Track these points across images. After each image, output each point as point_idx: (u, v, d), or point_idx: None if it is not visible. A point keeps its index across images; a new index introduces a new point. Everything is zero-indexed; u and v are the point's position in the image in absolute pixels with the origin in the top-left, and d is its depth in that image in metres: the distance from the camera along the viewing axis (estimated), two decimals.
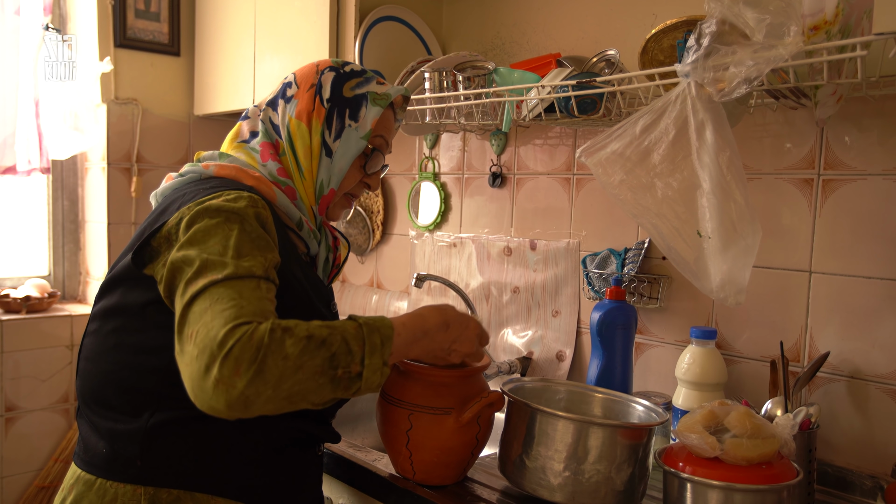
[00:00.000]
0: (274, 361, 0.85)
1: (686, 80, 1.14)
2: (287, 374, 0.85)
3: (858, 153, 1.31)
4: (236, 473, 1.04)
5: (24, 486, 2.25)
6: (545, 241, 1.80)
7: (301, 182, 1.14)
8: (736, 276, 1.12)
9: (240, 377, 0.83)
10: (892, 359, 1.28)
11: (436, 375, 1.16)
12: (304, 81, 1.16)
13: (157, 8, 2.38)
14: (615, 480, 1.09)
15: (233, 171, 1.09)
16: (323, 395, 0.90)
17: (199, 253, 0.93)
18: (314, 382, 0.88)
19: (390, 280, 2.21)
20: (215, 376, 0.83)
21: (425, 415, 1.16)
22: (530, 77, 1.49)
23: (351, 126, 1.14)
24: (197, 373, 0.84)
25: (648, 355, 1.62)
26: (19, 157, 2.23)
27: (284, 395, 0.86)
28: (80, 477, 1.04)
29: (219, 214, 0.97)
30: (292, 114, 1.14)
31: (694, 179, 1.14)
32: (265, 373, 0.84)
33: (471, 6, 1.98)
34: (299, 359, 0.86)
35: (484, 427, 1.20)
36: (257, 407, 0.85)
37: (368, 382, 0.92)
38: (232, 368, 0.83)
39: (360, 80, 1.17)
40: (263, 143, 1.14)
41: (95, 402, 1.05)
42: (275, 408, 0.87)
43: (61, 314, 2.27)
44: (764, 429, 1.02)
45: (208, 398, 0.84)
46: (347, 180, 1.18)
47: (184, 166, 1.14)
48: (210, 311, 0.88)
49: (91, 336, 1.08)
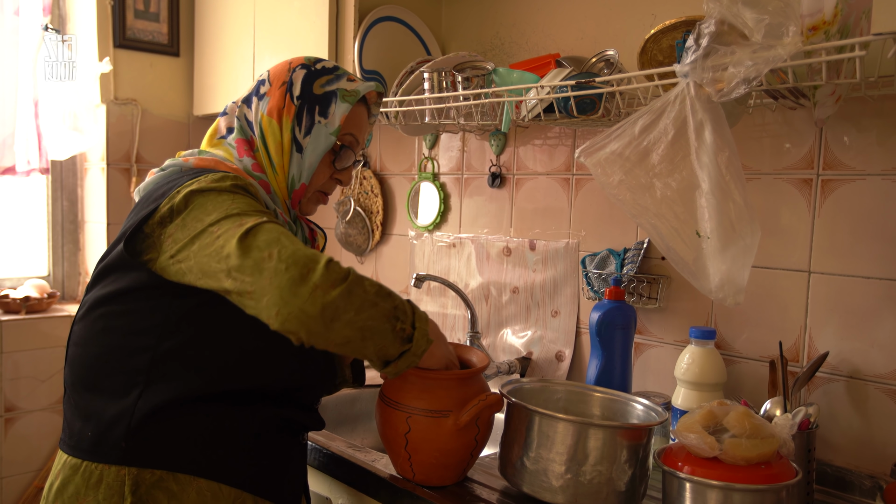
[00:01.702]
0: (360, 290, 0.95)
1: (685, 80, 1.14)
2: (366, 305, 0.95)
3: (857, 153, 1.31)
4: (220, 456, 1.06)
5: (23, 486, 2.25)
6: (544, 241, 1.80)
7: (274, 177, 1.17)
8: (735, 276, 1.12)
9: (335, 288, 0.92)
10: (891, 359, 1.28)
11: (433, 377, 1.16)
12: (277, 79, 1.19)
13: (156, 8, 2.38)
14: (616, 481, 1.09)
15: (211, 163, 1.12)
16: (385, 342, 0.99)
17: (224, 211, 0.99)
18: (382, 324, 0.98)
19: (390, 280, 2.21)
20: (315, 282, 0.91)
21: (423, 417, 1.16)
22: (529, 77, 1.49)
23: (320, 122, 1.17)
24: (290, 280, 0.91)
25: (647, 355, 1.62)
26: (18, 158, 2.23)
27: (361, 323, 0.95)
28: (66, 462, 1.06)
29: (213, 191, 1.02)
30: (264, 111, 1.17)
31: (693, 179, 1.14)
32: (353, 295, 0.94)
33: (470, 6, 1.98)
34: (375, 297, 0.97)
35: (483, 428, 1.19)
36: (341, 324, 0.93)
37: (416, 346, 1.03)
38: (329, 279, 0.92)
39: (331, 78, 1.19)
40: (238, 139, 1.18)
41: (84, 386, 1.07)
42: (349, 335, 0.95)
43: (61, 314, 2.28)
44: (763, 429, 1.02)
45: (302, 302, 0.91)
46: (318, 176, 1.20)
47: (165, 161, 1.17)
48: (282, 240, 0.95)
49: (80, 323, 1.10)
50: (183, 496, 1.02)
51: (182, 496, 1.02)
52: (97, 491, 1.01)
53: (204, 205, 1.00)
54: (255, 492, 1.08)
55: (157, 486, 1.01)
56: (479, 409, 1.15)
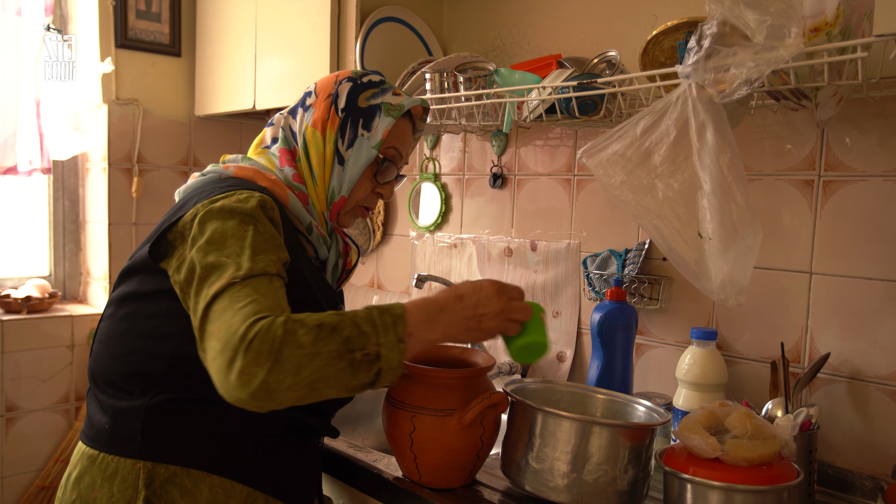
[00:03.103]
0: (290, 351, 0.89)
1: (687, 81, 1.14)
2: (304, 361, 0.89)
3: (859, 154, 1.31)
4: (233, 454, 1.07)
5: (24, 486, 2.25)
6: (546, 241, 1.80)
7: (314, 188, 1.17)
8: (736, 277, 1.12)
9: (260, 367, 0.87)
10: (892, 360, 1.28)
11: (437, 377, 1.17)
12: (323, 91, 1.20)
13: (157, 9, 2.38)
14: (620, 481, 1.09)
15: (250, 172, 1.13)
16: (345, 379, 0.92)
17: (218, 256, 0.98)
18: (333, 368, 0.91)
19: (391, 281, 2.21)
20: (238, 367, 0.87)
21: (428, 416, 1.16)
22: (531, 78, 1.49)
23: (363, 135, 1.17)
24: (222, 366, 0.89)
25: (649, 356, 1.62)
26: (20, 158, 2.23)
27: (305, 382, 0.89)
28: (85, 452, 1.08)
29: (233, 216, 1.01)
30: (308, 122, 1.18)
31: (695, 180, 1.15)
32: (282, 362, 0.88)
33: (471, 7, 1.98)
34: (313, 346, 0.90)
35: (489, 429, 1.19)
36: (280, 395, 0.89)
37: (388, 361, 0.94)
38: (252, 359, 0.87)
39: (376, 91, 1.20)
40: (282, 149, 1.19)
41: (104, 381, 1.09)
42: (298, 396, 0.90)
43: (62, 314, 2.28)
44: (764, 430, 1.02)
45: (233, 389, 0.88)
46: (358, 189, 1.20)
47: (207, 166, 1.18)
48: (230, 309, 0.92)
49: (106, 320, 1.13)
50: (196, 492, 1.03)
51: (195, 492, 1.03)
52: (112, 483, 1.03)
53: (213, 236, 0.99)
54: (267, 491, 1.09)
55: (170, 481, 1.02)
56: (483, 406, 1.15)
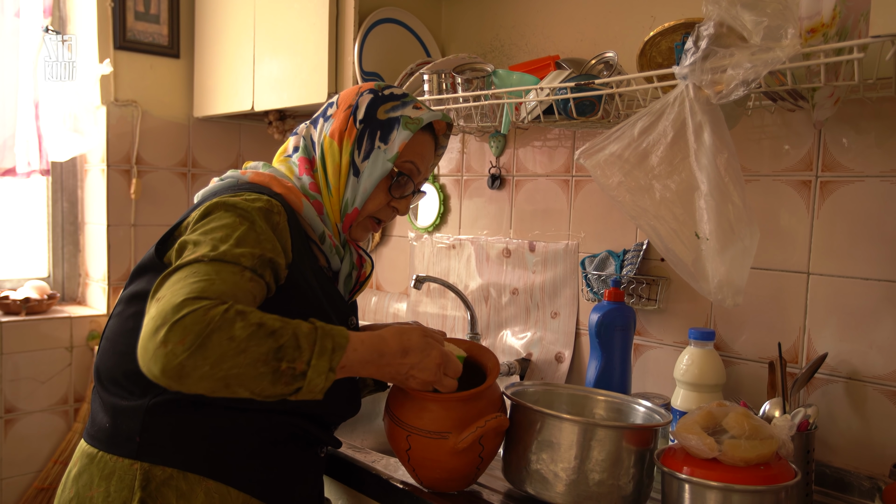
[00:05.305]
0: (219, 339, 0.86)
1: (684, 82, 1.14)
2: (229, 354, 0.87)
3: (856, 155, 1.31)
4: (230, 459, 1.06)
5: (23, 487, 2.25)
6: (544, 242, 1.80)
7: (328, 198, 1.17)
8: (734, 277, 1.12)
9: (182, 346, 0.85)
10: (889, 360, 1.29)
11: (429, 397, 1.12)
12: (344, 102, 1.20)
13: (156, 10, 2.38)
14: (622, 482, 1.09)
15: (266, 178, 1.14)
16: (261, 385, 0.90)
17: (201, 237, 0.98)
18: (254, 370, 0.88)
19: (389, 281, 2.22)
20: (161, 339, 0.85)
21: (422, 438, 1.12)
22: (529, 79, 1.49)
23: (379, 148, 1.17)
24: (147, 333, 0.87)
25: (647, 356, 1.62)
26: (19, 159, 2.23)
27: (221, 375, 0.87)
28: (85, 450, 1.08)
29: (234, 211, 1.01)
30: (327, 132, 1.18)
31: (692, 181, 1.15)
32: (207, 348, 0.86)
33: (469, 8, 1.98)
34: (245, 343, 0.88)
35: (488, 446, 1.15)
36: (191, 381, 0.87)
37: (311, 384, 0.92)
38: (178, 336, 0.85)
39: (396, 104, 1.19)
40: (301, 157, 1.19)
41: (108, 379, 1.09)
42: (209, 387, 0.88)
43: (61, 316, 2.28)
44: (762, 430, 1.02)
45: (148, 359, 0.86)
46: (373, 201, 1.19)
47: (228, 171, 1.20)
48: (182, 282, 0.91)
49: (115, 318, 1.13)
50: (191, 496, 1.02)
51: (190, 495, 1.02)
52: (109, 482, 1.03)
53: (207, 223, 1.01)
54: (264, 498, 1.08)
55: (166, 484, 1.02)
56: (478, 435, 1.11)
